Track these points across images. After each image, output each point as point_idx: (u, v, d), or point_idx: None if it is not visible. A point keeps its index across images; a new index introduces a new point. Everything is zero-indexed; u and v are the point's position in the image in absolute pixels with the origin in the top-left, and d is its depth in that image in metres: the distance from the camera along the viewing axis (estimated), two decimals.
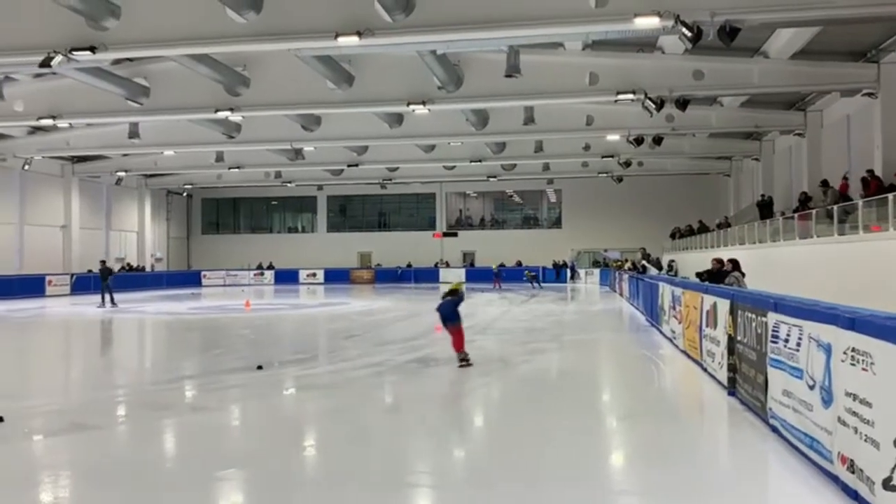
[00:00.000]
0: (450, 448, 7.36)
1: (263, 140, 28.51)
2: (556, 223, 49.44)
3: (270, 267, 48.37)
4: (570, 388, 10.46)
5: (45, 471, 6.49)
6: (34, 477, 6.26)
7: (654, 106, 19.40)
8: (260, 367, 11.48)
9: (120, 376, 12.31)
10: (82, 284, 35.12)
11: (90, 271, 37.94)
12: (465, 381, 11.01)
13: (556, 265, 45.63)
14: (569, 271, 45.19)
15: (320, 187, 48.69)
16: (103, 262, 28.65)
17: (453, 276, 43.47)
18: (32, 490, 5.88)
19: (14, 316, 22.92)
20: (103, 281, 26.68)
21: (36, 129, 29.88)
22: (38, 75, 21.79)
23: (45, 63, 15.42)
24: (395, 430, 7.98)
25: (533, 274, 40.43)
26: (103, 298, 26.33)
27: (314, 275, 47.13)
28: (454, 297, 11.67)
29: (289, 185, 44.13)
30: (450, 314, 11.44)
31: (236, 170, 36.44)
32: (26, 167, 33.28)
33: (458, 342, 11.53)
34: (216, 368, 12.22)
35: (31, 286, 32.53)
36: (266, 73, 20.90)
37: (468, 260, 48.88)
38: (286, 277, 46.78)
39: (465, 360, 11.42)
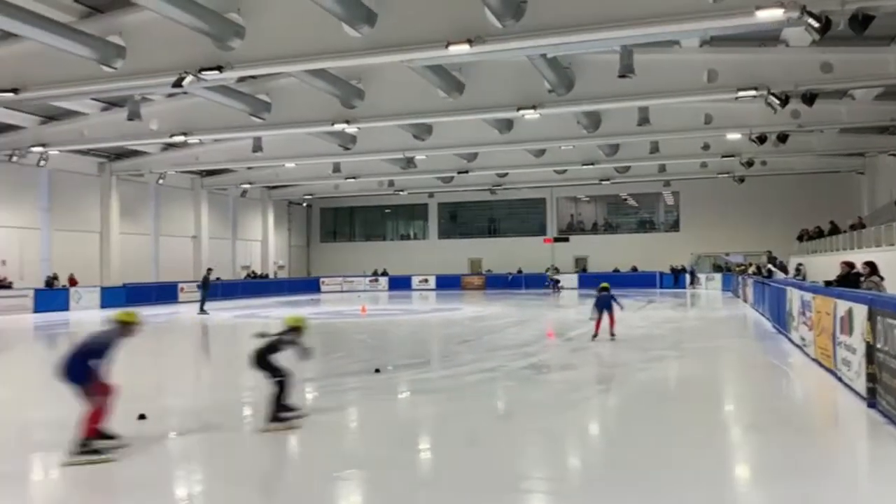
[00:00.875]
0: (565, 455, 7.25)
1: (377, 150, 29.25)
2: (674, 226, 47.85)
3: (384, 273, 49.51)
4: (692, 397, 10.07)
5: (181, 467, 6.90)
6: (170, 473, 6.66)
7: (778, 102, 18.42)
8: (378, 371, 11.75)
9: (246, 378, 12.89)
10: (211, 292, 37.24)
11: (218, 279, 40.24)
12: (580, 388, 10.83)
13: (674, 270, 44.14)
14: (688, 276, 43.58)
15: (431, 195, 49.42)
16: (209, 269, 30.46)
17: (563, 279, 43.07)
18: (168, 485, 6.27)
19: (151, 321, 24.54)
20: (204, 289, 28.30)
21: (169, 146, 31.97)
22: (170, 95, 23.34)
23: (178, 83, 16.47)
24: (511, 435, 7.94)
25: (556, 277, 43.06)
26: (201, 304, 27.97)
27: (426, 281, 47.81)
28: (608, 292, 15.66)
29: (401, 193, 45.04)
30: (609, 304, 15.55)
31: (352, 179, 37.55)
32: (160, 181, 35.67)
33: (613, 324, 15.62)
34: (335, 371, 12.61)
35: (165, 293, 34.77)
36: (379, 84, 21.44)
37: (580, 265, 48.13)
38: (399, 283, 47.72)
39: (614, 335, 15.49)
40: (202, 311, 27.35)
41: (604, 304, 15.49)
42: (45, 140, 27.42)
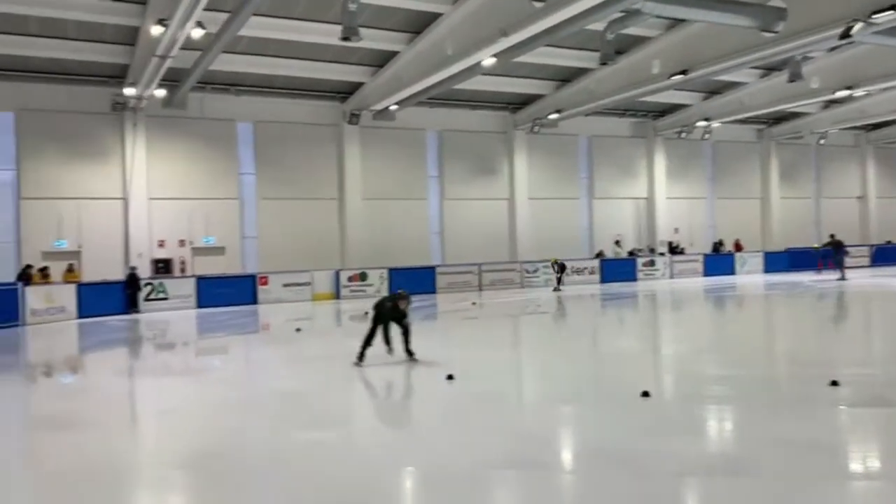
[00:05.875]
0: None
1: None
2: None
3: None
4: None
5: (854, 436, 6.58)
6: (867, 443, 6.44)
7: None
8: None
9: None
10: (882, 256, 33.99)
11: (888, 242, 36.32)
12: None
13: None
14: None
15: None
16: (831, 235, 28.40)
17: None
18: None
19: (818, 286, 23.90)
20: (836, 255, 26.81)
21: (829, 103, 30.26)
22: (832, 49, 22.04)
23: (845, 34, 15.48)
24: None
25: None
26: (839, 270, 26.58)
27: None
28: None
29: None
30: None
31: None
32: (821, 142, 34.19)
33: None
34: None
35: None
36: None
37: None
38: None
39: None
40: (842, 276, 26.08)
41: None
42: (708, 114, 29.39)
